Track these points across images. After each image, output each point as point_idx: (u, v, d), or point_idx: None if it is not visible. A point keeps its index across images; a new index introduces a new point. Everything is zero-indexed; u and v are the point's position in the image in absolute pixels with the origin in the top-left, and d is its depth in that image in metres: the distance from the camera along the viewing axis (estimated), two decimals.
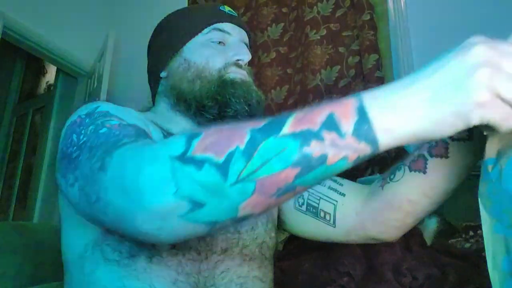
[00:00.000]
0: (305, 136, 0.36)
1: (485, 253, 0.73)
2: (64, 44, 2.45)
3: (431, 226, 0.90)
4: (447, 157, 0.58)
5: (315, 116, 0.37)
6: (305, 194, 0.71)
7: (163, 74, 0.74)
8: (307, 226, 0.72)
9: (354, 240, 0.71)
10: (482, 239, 0.83)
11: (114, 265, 0.55)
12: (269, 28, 1.89)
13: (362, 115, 0.36)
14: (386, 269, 0.72)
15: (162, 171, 0.39)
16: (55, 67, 2.86)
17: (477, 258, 0.75)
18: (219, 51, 0.71)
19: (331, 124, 0.36)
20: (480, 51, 0.35)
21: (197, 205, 0.38)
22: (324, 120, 0.36)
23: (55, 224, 2.40)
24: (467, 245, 0.86)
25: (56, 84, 2.95)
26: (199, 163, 0.38)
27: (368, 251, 0.77)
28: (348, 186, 0.71)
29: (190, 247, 0.58)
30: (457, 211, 0.79)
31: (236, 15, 0.78)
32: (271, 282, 0.67)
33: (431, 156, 0.59)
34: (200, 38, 0.72)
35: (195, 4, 2.06)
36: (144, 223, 0.40)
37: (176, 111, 0.72)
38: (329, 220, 0.69)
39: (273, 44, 1.87)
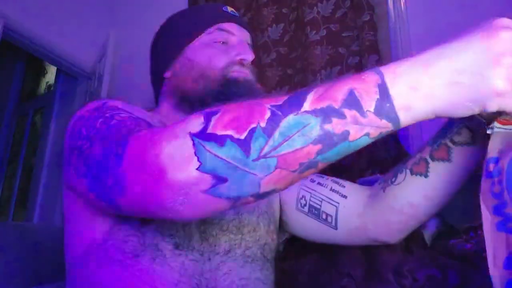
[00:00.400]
0: (326, 113, 0.36)
1: (485, 254, 0.73)
2: (64, 45, 2.45)
3: (431, 228, 0.90)
4: (450, 161, 0.57)
5: (335, 93, 0.37)
6: (307, 196, 0.71)
7: (166, 75, 0.75)
8: (309, 228, 0.72)
9: (356, 242, 0.71)
10: (483, 240, 0.83)
11: (117, 265, 0.55)
12: (269, 28, 1.89)
13: (384, 94, 0.36)
14: (387, 270, 0.72)
15: (184, 147, 0.40)
16: (56, 68, 2.86)
17: (478, 259, 0.75)
18: (222, 51, 0.71)
19: (352, 101, 0.36)
20: (506, 38, 0.35)
21: (220, 180, 0.39)
22: (345, 97, 0.37)
23: (55, 225, 2.39)
24: (468, 246, 0.85)
25: (56, 84, 2.95)
26: (220, 139, 0.38)
27: (369, 252, 0.77)
28: (350, 188, 0.71)
29: (193, 247, 0.58)
30: (458, 212, 0.79)
31: (238, 15, 0.78)
32: (272, 284, 0.67)
33: (433, 159, 0.59)
34: (203, 38, 0.73)
35: (198, 5, 2.06)
36: (167, 199, 0.41)
37: (179, 111, 0.72)
38: (331, 222, 0.69)
39: (274, 45, 1.87)
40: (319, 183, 0.72)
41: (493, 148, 0.43)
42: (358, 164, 1.50)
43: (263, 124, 0.38)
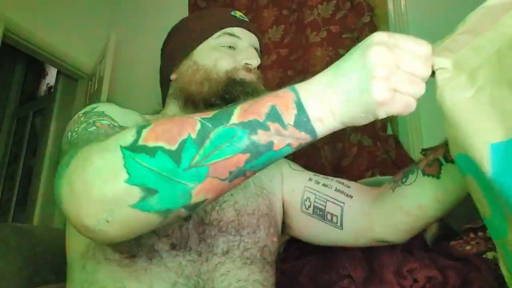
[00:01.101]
0: (252, 126, 0.40)
1: (485, 255, 0.73)
2: (64, 46, 2.45)
3: (432, 229, 0.90)
4: None
5: (259, 108, 0.41)
6: (312, 197, 0.71)
7: (172, 77, 0.76)
8: (314, 230, 0.72)
9: (361, 242, 0.70)
10: (483, 241, 0.83)
11: (115, 265, 0.55)
12: (269, 30, 1.90)
13: (300, 109, 0.40)
14: (387, 271, 0.72)
15: (113, 161, 0.40)
16: (56, 69, 2.86)
17: (478, 260, 0.74)
18: (229, 55, 0.72)
19: (274, 115, 0.40)
20: (377, 54, 0.39)
21: (149, 192, 0.39)
22: (268, 111, 0.40)
23: (55, 227, 2.39)
24: (468, 247, 0.85)
25: (57, 86, 2.95)
26: (151, 151, 0.39)
27: (369, 254, 0.77)
28: (355, 188, 0.71)
29: (190, 248, 0.58)
30: (458, 213, 0.79)
31: (248, 20, 0.79)
32: (272, 287, 0.67)
33: (447, 161, 0.58)
34: (210, 42, 0.74)
35: (207, 10, 2.07)
36: (91, 217, 0.40)
37: (185, 113, 0.72)
38: (336, 223, 0.68)
39: (274, 46, 1.87)
40: (324, 184, 0.71)
41: None
42: (358, 165, 1.50)
43: (194, 135, 0.39)
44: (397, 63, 0.39)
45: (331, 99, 0.40)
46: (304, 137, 0.41)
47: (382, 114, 0.39)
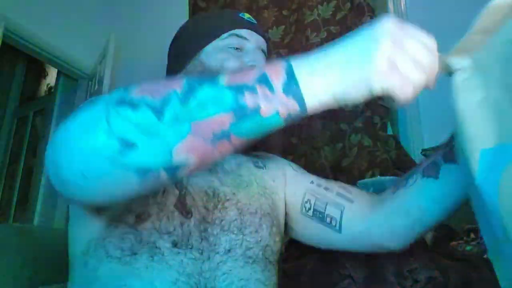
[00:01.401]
0: (239, 88, 0.40)
1: (486, 256, 0.73)
2: (65, 47, 2.45)
3: (432, 230, 0.90)
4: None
5: (249, 74, 0.41)
6: (312, 200, 0.71)
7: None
8: (313, 232, 0.72)
9: (360, 247, 0.70)
10: (483, 242, 0.82)
11: (116, 263, 0.55)
12: (270, 30, 1.90)
13: (290, 76, 0.40)
14: (388, 272, 0.72)
15: (96, 113, 0.40)
16: (56, 70, 2.86)
17: (479, 260, 0.74)
18: (235, 56, 0.72)
19: (263, 80, 0.40)
20: (387, 26, 0.40)
21: (128, 145, 0.38)
22: (257, 77, 0.40)
23: (55, 227, 2.39)
24: (469, 247, 0.85)
25: (57, 86, 2.95)
26: (135, 104, 0.39)
27: (370, 254, 0.77)
28: (357, 193, 0.71)
29: (192, 246, 0.58)
30: (458, 213, 0.79)
31: (255, 22, 0.79)
32: (274, 286, 0.67)
33: (445, 161, 0.58)
34: (218, 43, 0.74)
35: (216, 11, 2.06)
36: (67, 169, 0.40)
37: None
38: (335, 226, 0.68)
39: (274, 47, 1.87)
40: (325, 188, 0.72)
41: None
42: (358, 165, 1.50)
43: (179, 91, 0.39)
44: (404, 45, 0.39)
45: (327, 68, 0.40)
46: (292, 105, 0.40)
47: (377, 87, 0.39)
